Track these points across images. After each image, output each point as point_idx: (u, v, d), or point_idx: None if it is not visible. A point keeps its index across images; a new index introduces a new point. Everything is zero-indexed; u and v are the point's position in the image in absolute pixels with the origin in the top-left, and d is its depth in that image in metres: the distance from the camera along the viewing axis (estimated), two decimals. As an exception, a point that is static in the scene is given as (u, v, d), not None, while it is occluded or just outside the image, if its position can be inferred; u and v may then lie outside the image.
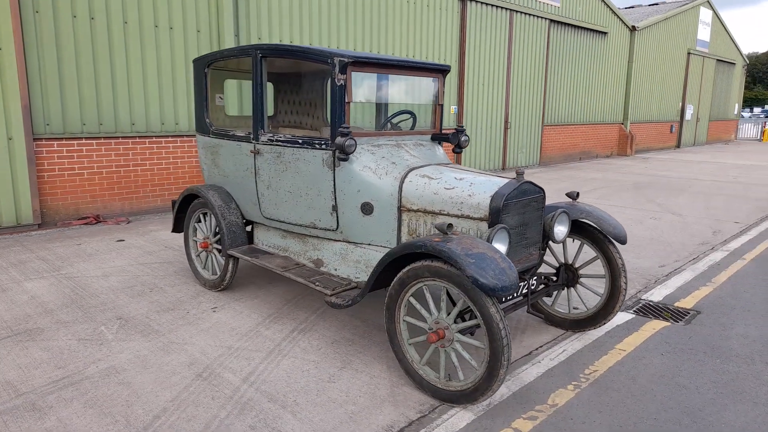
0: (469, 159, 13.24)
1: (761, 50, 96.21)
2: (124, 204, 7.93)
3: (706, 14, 24.12)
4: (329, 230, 4.02)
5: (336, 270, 4.03)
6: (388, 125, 4.61)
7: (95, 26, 7.31)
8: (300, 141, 4.01)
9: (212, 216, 4.81)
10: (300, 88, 5.74)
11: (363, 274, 3.87)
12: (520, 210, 3.45)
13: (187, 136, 8.39)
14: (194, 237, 5.08)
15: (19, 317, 4.25)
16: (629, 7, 26.13)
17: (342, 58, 3.71)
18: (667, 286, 5.26)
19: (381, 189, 3.75)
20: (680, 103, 23.75)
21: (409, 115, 4.57)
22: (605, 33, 17.43)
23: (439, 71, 4.40)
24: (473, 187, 3.45)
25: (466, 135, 4.50)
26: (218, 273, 4.82)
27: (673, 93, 23.02)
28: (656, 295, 5.01)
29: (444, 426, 2.90)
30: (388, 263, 3.29)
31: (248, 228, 5.17)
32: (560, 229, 3.72)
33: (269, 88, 5.87)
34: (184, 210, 5.15)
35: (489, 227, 3.32)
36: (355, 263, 3.92)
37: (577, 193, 4.02)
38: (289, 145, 4.07)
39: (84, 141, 7.40)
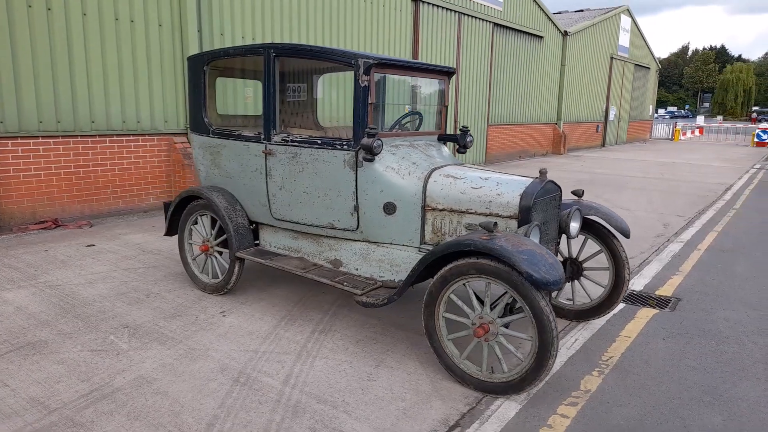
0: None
1: (662, 56, 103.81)
2: (84, 207, 7.49)
3: (626, 21, 25.80)
4: (348, 230, 4.04)
5: (357, 270, 4.06)
6: (397, 126, 4.67)
7: (52, 17, 6.85)
8: (319, 141, 4.00)
9: (213, 218, 4.69)
10: (287, 87, 5.68)
11: (388, 273, 3.92)
12: (544, 208, 3.63)
13: (149, 134, 8.03)
14: (190, 240, 4.92)
15: (13, 330, 3.97)
16: (557, 13, 27.44)
17: (367, 60, 3.74)
18: (642, 276, 5.67)
19: (405, 189, 3.82)
20: (605, 105, 25.28)
21: (417, 116, 4.66)
22: (541, 37, 18.27)
23: (445, 74, 4.52)
24: (500, 186, 3.60)
25: (470, 135, 4.65)
26: (220, 276, 4.70)
27: (599, 95, 24.46)
28: (636, 284, 5.39)
29: (495, 416, 3.03)
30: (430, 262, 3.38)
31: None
32: (575, 226, 3.94)
33: (258, 87, 5.77)
34: (178, 212, 4.97)
35: (518, 225, 3.48)
36: (378, 262, 3.97)
37: (582, 191, 4.27)
38: (306, 145, 4.05)
39: (41, 140, 6.93)
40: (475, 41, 14.89)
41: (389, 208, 3.87)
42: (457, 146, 4.67)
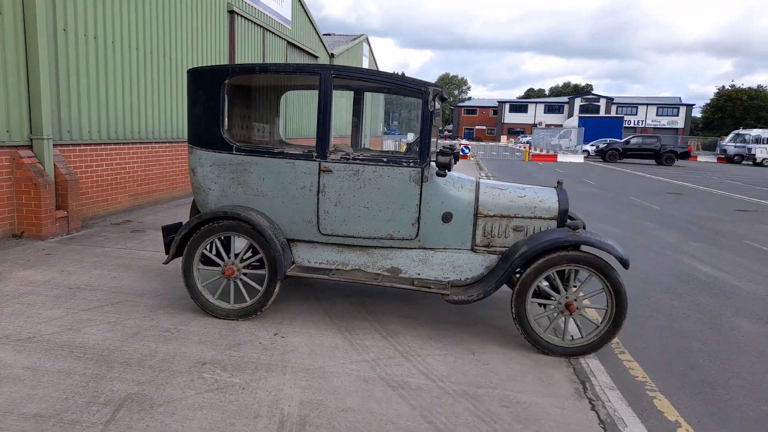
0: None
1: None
2: None
3: (366, 48, 29.08)
4: (406, 239, 4.44)
5: (419, 274, 4.48)
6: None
7: None
8: (385, 159, 4.32)
9: (240, 238, 4.45)
10: (251, 102, 5.54)
11: (452, 274, 4.46)
12: (564, 210, 4.71)
13: (-11, 147, 6.43)
14: (198, 266, 4.51)
15: (70, 390, 3.24)
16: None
17: (436, 89, 4.27)
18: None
19: (461, 199, 4.45)
20: (355, 121, 28.03)
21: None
22: (317, 57, 19.53)
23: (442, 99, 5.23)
24: (539, 194, 4.55)
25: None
26: (248, 300, 4.47)
27: (351, 112, 27.00)
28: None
29: (595, 370, 3.96)
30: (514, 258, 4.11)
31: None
32: (564, 223, 5.12)
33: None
34: (172, 235, 4.50)
35: (557, 225, 4.49)
36: (440, 266, 4.47)
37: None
38: (371, 163, 4.31)
39: None
40: (275, 57, 15.25)
41: (447, 217, 4.45)
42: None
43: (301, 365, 3.75)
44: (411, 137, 52.19)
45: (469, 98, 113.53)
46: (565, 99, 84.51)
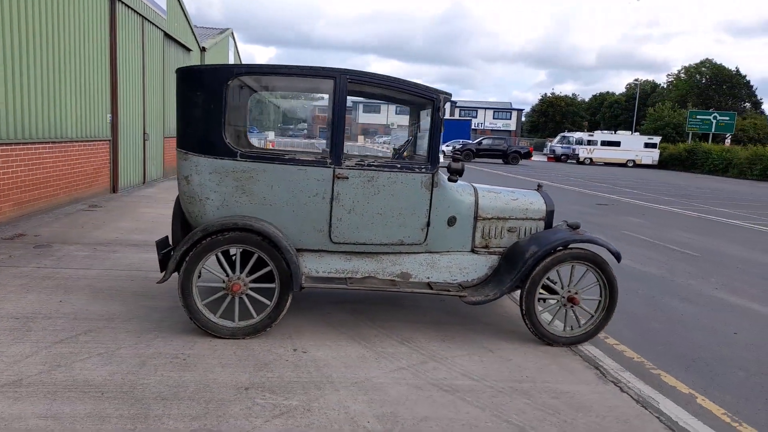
0: (123, 173, 12.02)
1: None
2: None
3: (231, 43, 27.92)
4: (416, 244, 4.50)
5: (429, 278, 4.54)
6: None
7: None
8: (399, 165, 4.33)
9: (244, 252, 4.15)
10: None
11: (459, 276, 4.60)
12: (544, 211, 5.10)
13: None
14: (198, 283, 4.11)
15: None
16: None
17: (446, 96, 4.38)
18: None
19: (463, 204, 4.62)
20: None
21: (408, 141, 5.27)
22: (191, 50, 18.30)
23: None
24: (528, 197, 4.89)
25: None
26: (255, 316, 4.18)
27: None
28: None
29: (597, 355, 4.38)
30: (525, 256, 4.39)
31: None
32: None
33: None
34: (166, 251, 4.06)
35: (545, 225, 4.86)
36: (447, 268, 4.59)
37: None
38: (386, 169, 4.29)
39: None
40: (153, 50, 14.01)
41: (451, 221, 4.59)
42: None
43: (347, 379, 3.63)
44: (272, 135, 51.24)
45: (321, 98, 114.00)
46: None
